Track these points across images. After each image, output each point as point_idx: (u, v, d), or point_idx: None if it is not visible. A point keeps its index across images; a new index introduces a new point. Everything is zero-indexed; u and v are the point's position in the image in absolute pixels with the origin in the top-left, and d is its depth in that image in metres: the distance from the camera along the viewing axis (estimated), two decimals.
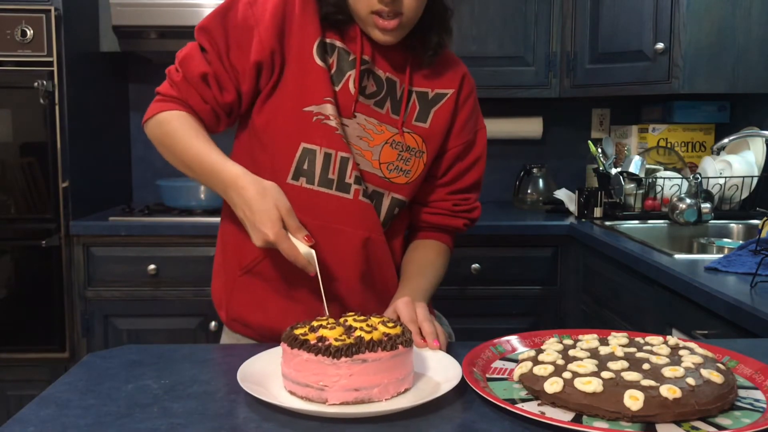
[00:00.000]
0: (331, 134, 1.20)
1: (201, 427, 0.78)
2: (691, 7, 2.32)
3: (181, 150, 1.19)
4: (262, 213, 1.08)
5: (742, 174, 2.41)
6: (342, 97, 1.22)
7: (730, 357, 0.94)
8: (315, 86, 1.20)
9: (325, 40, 1.22)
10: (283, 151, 1.21)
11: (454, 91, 1.33)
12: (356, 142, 1.23)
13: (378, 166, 1.25)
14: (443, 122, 1.30)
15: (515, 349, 0.99)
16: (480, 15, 2.70)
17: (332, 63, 1.22)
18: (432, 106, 1.30)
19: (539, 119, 2.99)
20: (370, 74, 1.24)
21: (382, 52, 1.26)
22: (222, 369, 0.96)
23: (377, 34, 1.19)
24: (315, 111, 1.20)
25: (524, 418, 0.77)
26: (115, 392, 0.88)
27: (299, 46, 1.20)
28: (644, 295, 1.84)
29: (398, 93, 1.27)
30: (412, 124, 1.27)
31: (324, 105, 1.20)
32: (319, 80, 1.20)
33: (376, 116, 1.24)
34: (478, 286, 2.47)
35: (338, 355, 0.80)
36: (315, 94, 1.20)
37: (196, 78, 1.19)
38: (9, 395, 2.48)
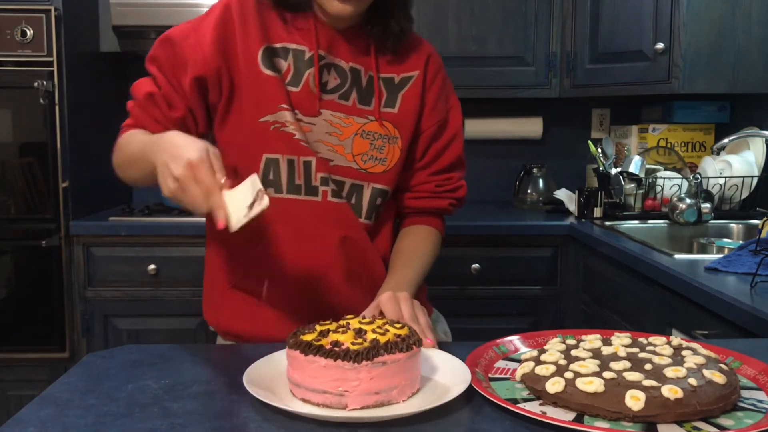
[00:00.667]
0: (290, 141, 1.21)
1: (201, 427, 0.78)
2: (691, 7, 2.32)
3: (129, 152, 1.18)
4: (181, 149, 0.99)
5: (742, 174, 2.41)
6: (303, 98, 1.22)
7: (733, 358, 0.94)
8: (267, 96, 1.20)
9: (273, 45, 1.22)
10: (248, 164, 1.21)
11: (419, 73, 1.31)
12: (326, 139, 1.23)
13: (352, 159, 1.25)
14: (412, 105, 1.29)
15: (518, 349, 0.99)
16: (480, 15, 2.70)
17: (287, 66, 1.22)
18: (399, 90, 1.29)
19: (539, 119, 2.99)
20: (331, 68, 1.24)
21: (343, 41, 1.25)
22: (222, 369, 0.96)
23: (335, 5, 1.17)
24: (271, 120, 1.20)
25: (526, 418, 0.77)
26: (115, 392, 0.88)
27: (244, 58, 1.20)
28: (644, 295, 1.83)
29: (364, 82, 1.26)
30: (380, 111, 1.26)
31: (279, 113, 1.20)
32: (270, 89, 1.20)
33: (343, 109, 1.24)
34: (478, 286, 2.46)
35: (359, 359, 0.79)
36: (268, 103, 1.20)
37: (143, 98, 1.21)
38: (9, 395, 2.48)
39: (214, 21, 1.21)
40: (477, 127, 2.98)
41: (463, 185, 1.39)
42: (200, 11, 2.48)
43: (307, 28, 1.23)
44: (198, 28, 1.22)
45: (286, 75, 1.22)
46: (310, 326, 0.89)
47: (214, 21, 1.21)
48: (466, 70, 2.70)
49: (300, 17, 1.24)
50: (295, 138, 1.21)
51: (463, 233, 2.45)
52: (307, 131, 1.22)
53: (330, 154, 1.23)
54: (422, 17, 2.68)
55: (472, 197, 3.10)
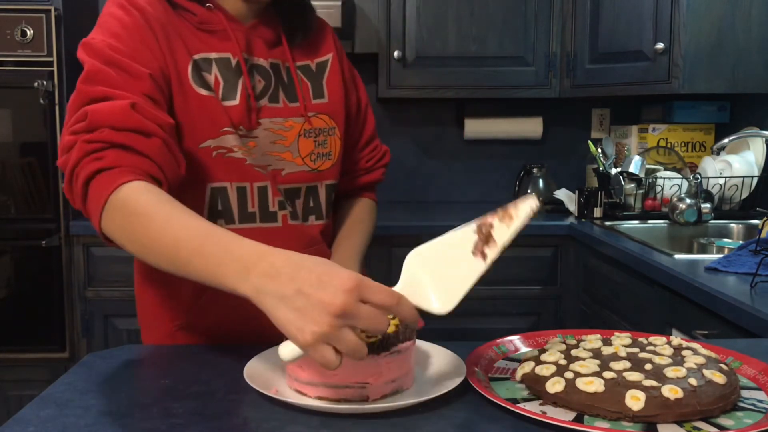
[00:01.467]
0: (239, 167, 1.09)
1: (201, 427, 0.78)
2: (691, 7, 2.32)
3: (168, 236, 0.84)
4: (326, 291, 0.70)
5: (742, 174, 2.41)
6: (242, 111, 1.10)
7: (733, 357, 0.94)
8: (205, 118, 1.06)
9: (196, 57, 1.08)
10: (190, 197, 1.04)
11: (333, 54, 1.26)
12: (272, 149, 1.14)
13: (302, 162, 1.17)
14: (338, 90, 1.23)
15: (518, 349, 0.99)
16: (480, 15, 2.70)
17: (215, 79, 1.08)
18: (321, 78, 1.22)
19: (539, 119, 2.99)
20: (253, 70, 1.13)
21: (256, 36, 1.14)
22: (222, 369, 0.96)
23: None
24: (213, 145, 1.07)
25: (526, 418, 0.77)
26: (115, 392, 0.88)
27: (174, 76, 1.05)
28: (644, 295, 1.83)
29: (284, 76, 1.17)
30: (312, 104, 1.19)
31: (222, 137, 1.07)
32: (208, 110, 1.06)
33: (278, 113, 1.14)
34: (478, 286, 2.45)
35: (378, 350, 0.81)
36: (207, 127, 1.07)
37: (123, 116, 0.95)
38: (9, 395, 2.48)
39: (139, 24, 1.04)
40: (477, 127, 2.98)
41: (387, 149, 1.39)
42: None
43: (221, 29, 1.09)
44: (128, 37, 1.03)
45: (216, 89, 1.08)
46: None
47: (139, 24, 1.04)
48: (466, 70, 2.70)
49: (209, 17, 1.09)
50: (247, 163, 1.09)
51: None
52: (253, 146, 1.11)
53: (280, 164, 1.15)
54: (422, 17, 2.68)
55: (473, 197, 3.13)
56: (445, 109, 3.06)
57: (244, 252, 0.76)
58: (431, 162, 3.09)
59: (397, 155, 3.08)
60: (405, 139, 3.08)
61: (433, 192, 3.10)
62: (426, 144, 3.08)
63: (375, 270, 2.44)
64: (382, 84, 2.71)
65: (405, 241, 2.45)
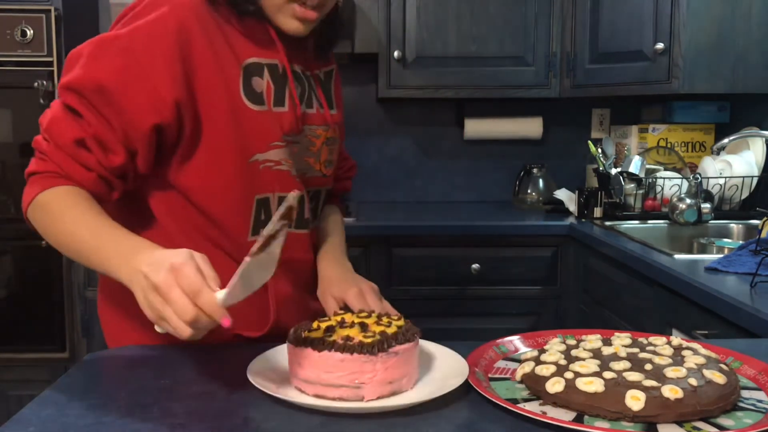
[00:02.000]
0: (284, 179, 1.12)
1: (201, 427, 0.78)
2: (691, 7, 2.32)
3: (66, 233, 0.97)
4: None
5: (742, 174, 2.41)
6: (290, 117, 1.11)
7: (733, 358, 0.94)
8: (255, 134, 1.07)
9: (247, 62, 1.07)
10: (235, 210, 1.09)
11: (335, 66, 1.29)
12: (305, 155, 1.17)
13: (319, 168, 1.21)
14: (341, 100, 1.29)
15: (518, 350, 0.99)
16: (480, 15, 2.70)
17: (267, 84, 1.09)
18: (329, 88, 1.25)
19: (539, 119, 2.99)
20: (295, 77, 1.15)
21: (294, 46, 1.15)
22: (222, 369, 0.96)
23: (291, 24, 1.08)
24: (261, 159, 1.08)
25: (526, 418, 0.77)
26: (115, 392, 0.88)
27: (221, 90, 1.04)
28: (644, 295, 1.83)
29: (312, 82, 1.20)
30: (330, 115, 1.23)
31: (270, 151, 1.09)
32: (258, 126, 1.07)
33: (313, 120, 1.17)
34: (478, 286, 2.46)
35: (374, 351, 0.81)
36: (257, 142, 1.08)
37: (69, 144, 0.99)
38: (9, 395, 2.48)
39: (169, 54, 0.99)
40: (477, 127, 2.98)
41: (355, 164, 1.45)
42: None
43: (267, 37, 1.10)
44: (142, 68, 0.99)
45: (269, 96, 1.09)
46: (307, 324, 0.90)
47: (169, 54, 0.99)
48: (466, 70, 2.70)
49: (257, 26, 1.09)
50: (292, 175, 1.13)
51: (463, 233, 2.46)
52: (296, 152, 1.14)
53: (306, 168, 1.18)
54: (422, 17, 2.68)
55: (473, 197, 3.13)
56: (445, 109, 3.06)
57: (125, 248, 0.90)
58: (431, 162, 3.09)
59: (397, 155, 3.09)
60: (405, 139, 3.08)
61: (433, 192, 3.10)
62: (426, 144, 3.08)
63: (375, 270, 2.45)
64: (382, 84, 2.71)
65: (405, 241, 2.45)
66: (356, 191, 3.07)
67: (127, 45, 1.00)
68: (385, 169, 3.08)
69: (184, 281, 0.79)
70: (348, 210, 2.58)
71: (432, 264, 2.45)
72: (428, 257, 2.46)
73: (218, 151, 1.05)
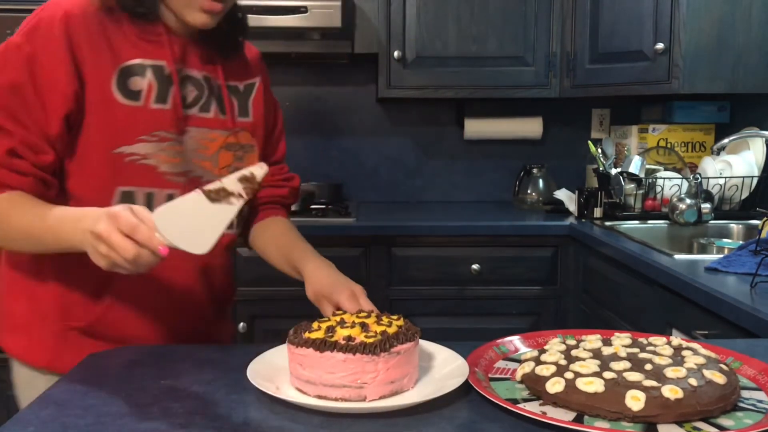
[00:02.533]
0: (151, 174, 1.15)
1: (201, 427, 0.78)
2: (691, 7, 2.32)
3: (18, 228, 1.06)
4: None
5: (742, 174, 2.41)
6: (173, 116, 1.16)
7: (733, 358, 0.94)
8: (123, 127, 1.12)
9: (127, 64, 1.13)
10: (99, 197, 1.12)
11: (260, 79, 1.34)
12: (195, 157, 1.20)
13: (218, 173, 1.22)
14: (261, 111, 1.32)
15: (518, 350, 0.99)
16: (480, 15, 2.70)
17: (149, 84, 1.14)
18: (247, 98, 1.30)
19: (539, 119, 2.99)
20: (187, 80, 1.20)
21: (193, 49, 1.21)
22: (222, 369, 0.96)
23: (200, 17, 1.13)
24: (127, 152, 1.13)
25: (526, 418, 0.77)
26: (115, 392, 0.88)
27: (96, 83, 1.11)
28: (644, 295, 1.83)
29: (216, 90, 1.24)
30: (238, 121, 1.26)
31: (137, 145, 1.13)
32: (127, 119, 1.13)
33: (206, 123, 1.21)
34: (478, 286, 2.46)
35: (377, 351, 0.82)
36: (124, 135, 1.13)
37: (2, 156, 1.06)
38: (9, 395, 2.47)
39: (62, 52, 1.08)
40: (477, 127, 2.98)
41: (296, 176, 1.45)
42: None
43: (158, 40, 1.16)
44: (43, 65, 1.08)
45: (149, 93, 1.14)
46: (307, 324, 0.90)
47: (62, 52, 1.08)
48: (466, 70, 2.70)
49: (149, 28, 1.16)
50: (160, 171, 1.15)
51: (463, 233, 2.45)
52: (181, 150, 1.18)
53: (200, 171, 1.21)
54: (422, 17, 2.68)
55: (472, 197, 3.13)
56: (445, 109, 3.06)
57: (71, 217, 0.99)
58: (431, 162, 3.09)
59: (397, 155, 3.09)
60: (405, 139, 3.08)
61: (433, 192, 3.10)
62: (426, 144, 3.08)
63: (375, 269, 2.45)
64: (382, 84, 2.71)
65: (405, 241, 2.45)
66: (356, 191, 3.08)
67: (28, 48, 1.09)
68: (385, 169, 3.08)
69: (121, 223, 0.87)
70: (348, 210, 2.58)
71: (432, 264, 2.45)
72: (428, 257, 2.45)
73: (87, 140, 1.12)
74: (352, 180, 3.08)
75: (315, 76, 3.01)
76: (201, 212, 0.89)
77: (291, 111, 3.02)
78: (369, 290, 1.20)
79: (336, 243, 2.40)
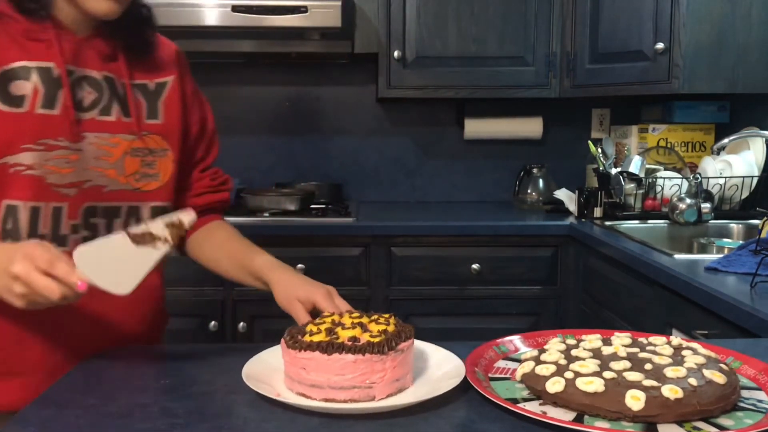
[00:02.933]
0: (36, 185, 1.05)
1: (201, 427, 0.78)
2: (691, 7, 2.32)
3: None
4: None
5: (742, 174, 2.41)
6: (63, 121, 1.07)
7: (733, 357, 0.94)
8: (6, 136, 1.03)
9: (8, 68, 1.04)
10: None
11: (174, 77, 1.22)
12: (96, 164, 1.10)
13: (125, 181, 1.13)
14: (176, 113, 1.21)
15: (518, 349, 0.99)
16: (480, 15, 2.70)
17: (34, 88, 1.05)
18: (157, 98, 1.19)
19: (539, 119, 2.99)
20: (83, 81, 1.10)
21: (89, 48, 1.11)
22: (222, 369, 0.96)
23: (103, 5, 1.04)
24: (11, 162, 1.04)
25: (526, 418, 0.77)
26: (115, 392, 0.88)
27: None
28: (644, 295, 1.83)
29: (120, 90, 1.14)
30: (146, 124, 1.16)
31: (21, 154, 1.04)
32: (10, 128, 1.03)
33: (107, 128, 1.11)
34: (478, 286, 2.46)
35: (385, 350, 0.82)
36: (8, 144, 1.03)
37: None
38: None
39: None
40: (477, 127, 2.98)
41: (230, 178, 1.37)
42: (200, 11, 2.48)
43: (46, 38, 1.06)
44: None
45: (35, 98, 1.05)
46: (299, 328, 0.90)
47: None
48: (466, 70, 2.70)
49: (36, 26, 1.06)
50: (47, 182, 1.06)
51: (463, 233, 2.45)
52: (75, 159, 1.08)
53: (102, 180, 1.11)
54: (422, 17, 2.68)
55: (472, 197, 3.13)
56: (445, 109, 3.06)
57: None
58: (431, 162, 3.09)
59: (397, 155, 3.09)
60: (405, 139, 3.08)
61: (433, 192, 3.10)
62: (426, 144, 3.08)
63: (375, 269, 2.45)
64: (382, 84, 2.71)
65: (405, 241, 2.45)
66: (356, 191, 3.08)
67: None
68: (385, 169, 3.08)
69: (38, 260, 0.87)
70: (348, 210, 2.59)
71: (432, 264, 2.45)
72: (428, 257, 2.45)
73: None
74: (352, 180, 3.08)
75: (315, 76, 3.01)
76: (124, 254, 0.90)
77: (291, 111, 3.03)
78: (369, 290, 1.20)
79: (336, 243, 2.40)
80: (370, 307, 2.37)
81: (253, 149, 3.03)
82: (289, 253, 2.44)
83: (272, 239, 2.38)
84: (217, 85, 2.90)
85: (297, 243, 2.39)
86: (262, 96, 2.99)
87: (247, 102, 2.99)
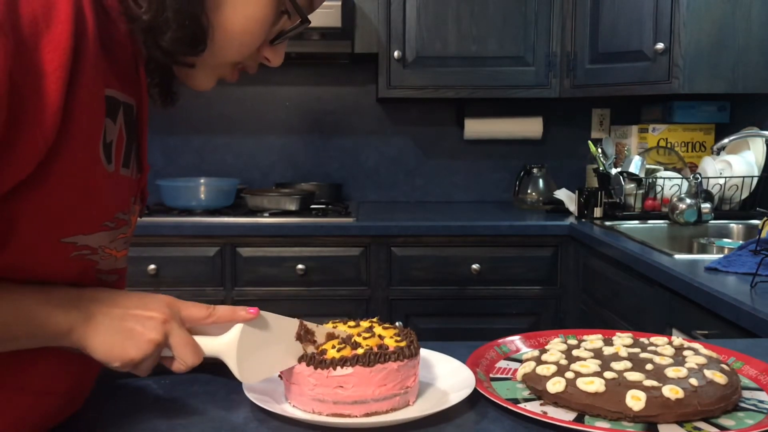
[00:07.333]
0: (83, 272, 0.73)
1: (201, 427, 0.77)
2: (691, 7, 2.32)
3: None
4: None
5: (742, 174, 2.41)
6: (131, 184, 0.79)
7: (735, 358, 0.93)
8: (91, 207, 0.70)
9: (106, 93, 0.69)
10: None
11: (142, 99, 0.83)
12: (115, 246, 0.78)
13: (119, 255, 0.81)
14: None
15: (519, 350, 0.99)
16: (480, 15, 2.70)
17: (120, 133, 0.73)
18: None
19: (539, 119, 2.99)
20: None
21: None
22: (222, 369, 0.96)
23: (208, 83, 0.83)
24: (80, 243, 0.70)
25: (526, 418, 0.77)
26: (115, 392, 0.88)
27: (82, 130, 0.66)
28: (644, 295, 1.83)
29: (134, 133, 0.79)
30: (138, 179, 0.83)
31: (94, 235, 0.72)
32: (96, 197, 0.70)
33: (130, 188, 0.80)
34: (478, 286, 2.46)
35: (415, 353, 0.81)
36: (89, 219, 0.71)
37: None
38: None
39: (66, 51, 0.62)
40: (477, 127, 2.98)
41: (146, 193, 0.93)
42: None
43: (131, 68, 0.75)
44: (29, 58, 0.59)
45: (119, 151, 0.73)
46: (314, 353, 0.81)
47: (66, 51, 0.62)
48: (466, 70, 2.70)
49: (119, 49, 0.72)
50: (96, 268, 0.75)
51: (463, 233, 2.45)
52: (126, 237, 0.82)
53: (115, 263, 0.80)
54: (422, 17, 2.68)
55: (472, 197, 3.13)
56: (445, 109, 3.06)
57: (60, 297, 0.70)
58: (431, 162, 3.09)
59: (397, 155, 3.09)
60: (405, 139, 3.08)
61: (433, 192, 3.10)
62: (426, 144, 3.08)
63: (375, 270, 2.45)
64: (382, 84, 2.71)
65: (405, 241, 2.45)
66: (356, 191, 3.08)
67: None
68: (385, 169, 3.09)
69: (186, 311, 0.78)
70: (348, 210, 2.58)
71: (432, 264, 2.45)
72: (428, 257, 2.46)
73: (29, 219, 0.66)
74: (352, 180, 3.08)
75: (315, 76, 3.01)
76: (280, 341, 0.80)
77: (291, 111, 3.03)
78: (369, 290, 1.19)
79: (336, 243, 2.40)
80: (370, 307, 2.38)
81: (253, 149, 3.03)
82: (289, 253, 2.45)
83: (272, 239, 2.38)
84: (217, 85, 2.89)
85: (297, 243, 2.39)
86: (262, 96, 2.99)
87: (247, 102, 2.99)
